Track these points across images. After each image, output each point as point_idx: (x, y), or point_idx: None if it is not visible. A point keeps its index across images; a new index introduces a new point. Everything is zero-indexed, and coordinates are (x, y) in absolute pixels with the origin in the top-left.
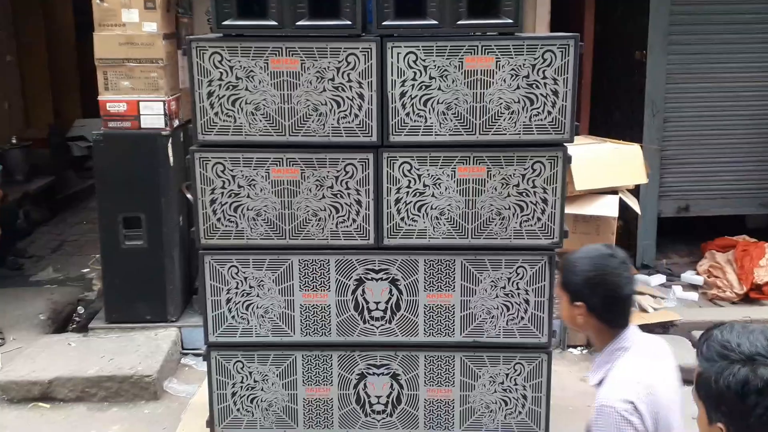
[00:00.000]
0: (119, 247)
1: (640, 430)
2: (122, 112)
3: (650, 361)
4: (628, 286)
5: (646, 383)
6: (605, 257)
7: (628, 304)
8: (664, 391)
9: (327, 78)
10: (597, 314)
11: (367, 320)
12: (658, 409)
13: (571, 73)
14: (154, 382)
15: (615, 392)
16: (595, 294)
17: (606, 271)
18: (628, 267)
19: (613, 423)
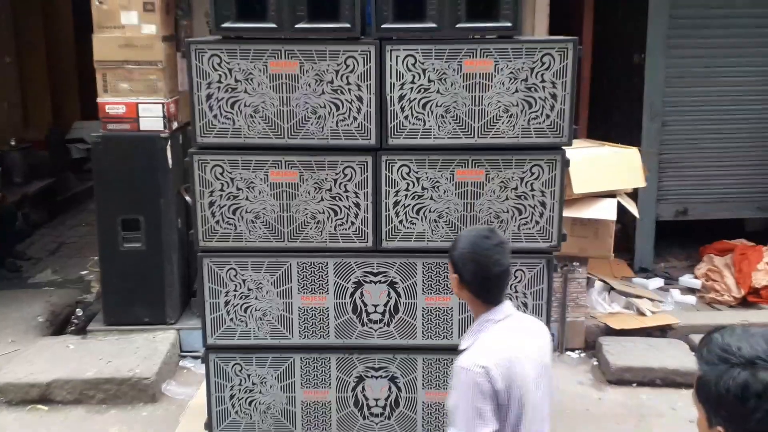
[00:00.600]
0: (118, 250)
1: (489, 394)
2: (121, 114)
3: (516, 336)
4: (496, 267)
5: (504, 354)
6: (481, 238)
7: (496, 283)
8: (524, 365)
9: (326, 81)
10: (468, 287)
11: (365, 323)
12: (513, 379)
13: (570, 76)
14: (153, 384)
15: (473, 357)
16: (466, 269)
17: (477, 251)
18: (501, 249)
19: (465, 383)
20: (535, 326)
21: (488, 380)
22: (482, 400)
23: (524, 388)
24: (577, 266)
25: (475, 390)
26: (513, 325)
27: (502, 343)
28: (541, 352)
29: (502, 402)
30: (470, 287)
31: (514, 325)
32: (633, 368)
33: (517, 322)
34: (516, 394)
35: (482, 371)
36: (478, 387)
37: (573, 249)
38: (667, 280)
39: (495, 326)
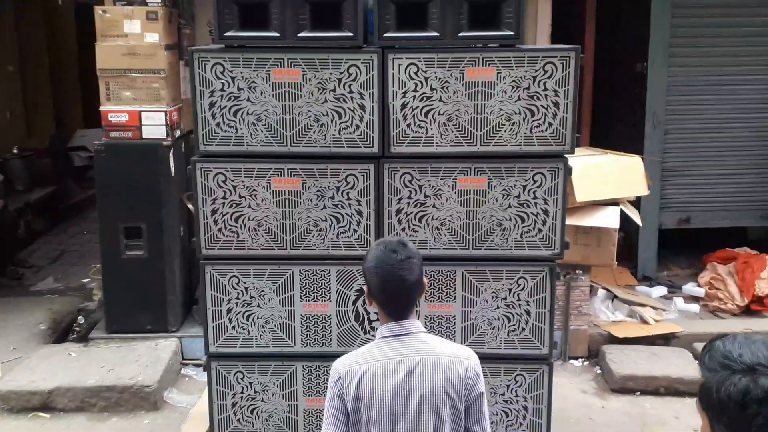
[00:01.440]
0: (120, 257)
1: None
2: (124, 122)
3: (395, 356)
4: (398, 281)
5: (365, 368)
6: (387, 253)
7: (399, 299)
8: (387, 386)
9: (328, 89)
10: (375, 298)
11: (367, 330)
12: (362, 396)
13: (572, 84)
14: (154, 392)
15: (341, 360)
16: (372, 282)
17: (381, 266)
18: (408, 265)
19: (330, 382)
20: (437, 357)
21: (338, 387)
22: (331, 402)
23: (375, 410)
24: (580, 274)
25: (330, 390)
26: (400, 345)
27: (365, 358)
28: (428, 385)
29: (353, 413)
30: (378, 300)
31: (403, 346)
32: (636, 377)
33: (411, 344)
34: (363, 412)
35: (337, 375)
36: (332, 388)
37: (576, 257)
38: (670, 288)
39: (380, 342)
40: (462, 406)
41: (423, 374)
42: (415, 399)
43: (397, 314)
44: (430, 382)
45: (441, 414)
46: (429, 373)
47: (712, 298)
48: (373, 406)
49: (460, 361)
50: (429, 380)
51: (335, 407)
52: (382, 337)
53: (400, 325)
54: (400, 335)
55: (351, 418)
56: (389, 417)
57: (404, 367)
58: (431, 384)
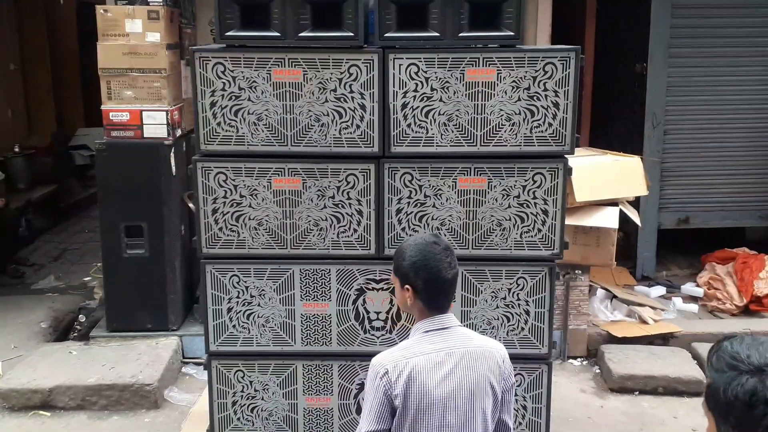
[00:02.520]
0: (121, 256)
1: (381, 394)
2: (125, 121)
3: (441, 348)
4: (446, 270)
5: (413, 362)
6: (429, 244)
7: (446, 287)
8: (434, 379)
9: (329, 89)
10: (422, 296)
11: (367, 330)
12: (411, 390)
13: (572, 85)
14: (155, 390)
15: (383, 356)
16: (419, 277)
17: (428, 256)
18: (449, 254)
19: (369, 378)
20: (476, 349)
21: (386, 381)
22: (375, 398)
23: (424, 403)
24: (579, 274)
25: (374, 386)
26: (444, 338)
27: (412, 352)
28: (473, 376)
29: (396, 407)
30: (423, 296)
31: (445, 339)
32: (635, 376)
33: (452, 338)
34: (411, 407)
35: (383, 371)
36: (376, 385)
37: (575, 257)
38: (669, 288)
39: (424, 336)
40: (500, 395)
41: (469, 365)
42: (463, 390)
43: (441, 307)
44: (476, 372)
45: (485, 404)
46: (475, 364)
47: (710, 298)
48: (423, 399)
49: (498, 351)
50: (475, 371)
51: (380, 403)
52: (425, 331)
53: (442, 318)
54: (442, 329)
55: (397, 412)
56: (439, 409)
57: (451, 360)
58: (477, 374)
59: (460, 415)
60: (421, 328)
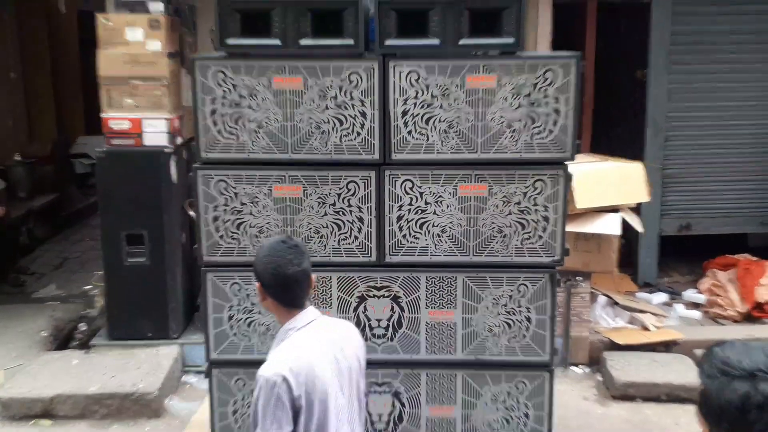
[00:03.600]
0: (122, 264)
1: (286, 401)
2: (125, 129)
3: (317, 343)
4: (291, 267)
5: (303, 362)
6: (278, 243)
7: (295, 285)
8: (325, 372)
9: (330, 96)
10: (272, 293)
11: (368, 337)
12: (313, 386)
13: (573, 91)
14: (156, 399)
15: (271, 365)
16: (266, 272)
17: (273, 254)
18: (297, 252)
19: (264, 389)
20: (341, 331)
21: (286, 389)
22: (278, 407)
23: (326, 393)
24: (581, 281)
25: (273, 397)
26: (315, 331)
27: (301, 351)
28: (347, 356)
29: (299, 407)
30: (271, 291)
31: (316, 331)
32: (637, 383)
33: (321, 328)
34: (316, 400)
35: (281, 380)
36: (277, 395)
37: (576, 264)
38: (671, 294)
39: (297, 334)
40: (362, 370)
41: (344, 349)
42: (344, 372)
43: (295, 304)
44: (349, 352)
45: (359, 379)
46: (345, 346)
47: (712, 305)
48: (322, 391)
49: (354, 330)
50: (348, 352)
51: (282, 410)
52: (296, 329)
53: (303, 315)
54: (308, 323)
55: (302, 411)
56: (332, 395)
57: (331, 348)
58: (350, 355)
59: (346, 394)
60: (291, 327)
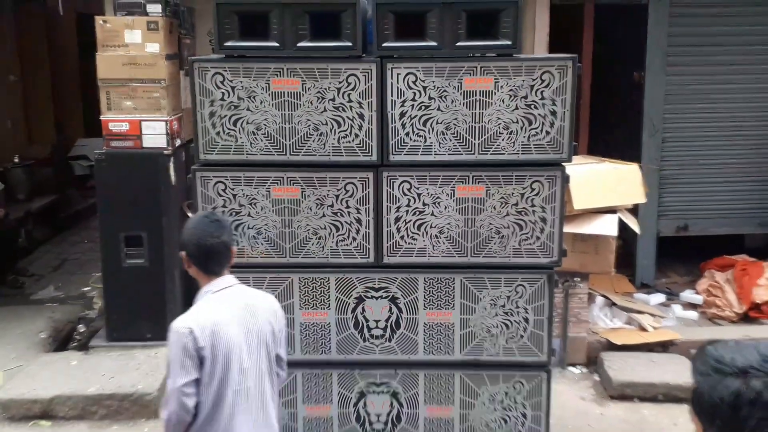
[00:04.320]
0: (120, 266)
1: (192, 350)
2: (124, 131)
3: (227, 305)
4: (210, 239)
5: (210, 318)
6: (201, 218)
7: (214, 255)
8: (230, 329)
9: (328, 98)
10: (194, 262)
11: (366, 338)
12: (217, 340)
13: (569, 93)
14: (155, 400)
15: (182, 320)
16: (190, 243)
17: (197, 227)
18: (218, 226)
19: (173, 341)
20: (256, 299)
21: (192, 339)
22: (185, 356)
23: (229, 348)
24: (579, 282)
25: (180, 347)
26: (228, 296)
27: (211, 310)
28: (258, 321)
29: (205, 357)
30: (194, 260)
31: (230, 296)
32: (635, 384)
33: (235, 294)
34: (220, 354)
35: (187, 331)
36: (183, 345)
37: (574, 264)
38: (668, 295)
39: (211, 296)
40: (276, 334)
41: (255, 314)
42: (253, 335)
43: (214, 272)
44: (260, 318)
45: (268, 342)
46: (258, 312)
47: (710, 306)
48: (226, 347)
49: (272, 300)
50: (259, 317)
51: (189, 357)
52: (212, 292)
53: (221, 280)
54: (224, 288)
55: (206, 363)
56: (238, 354)
57: (240, 311)
58: (261, 320)
59: (253, 356)
60: (208, 290)
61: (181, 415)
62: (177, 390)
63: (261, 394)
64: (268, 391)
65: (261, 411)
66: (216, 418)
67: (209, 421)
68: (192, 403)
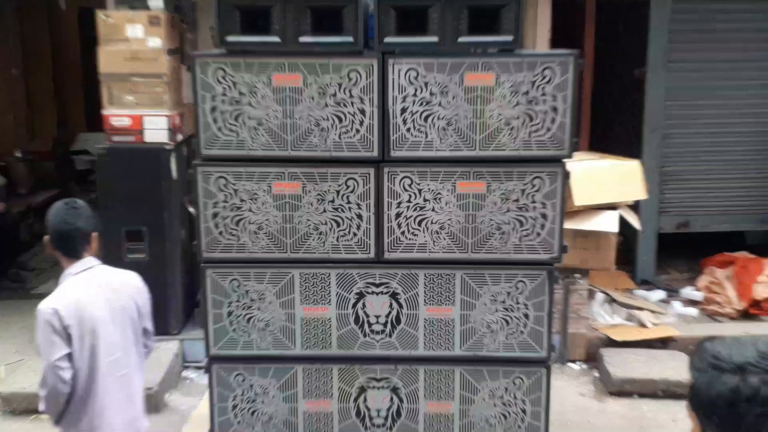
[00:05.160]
0: (121, 260)
1: (59, 328)
2: (126, 126)
3: (89, 285)
4: (64, 225)
5: (75, 297)
6: (62, 204)
7: (70, 239)
8: (94, 307)
9: (329, 93)
10: (55, 245)
11: (367, 334)
12: (82, 317)
13: (571, 89)
14: (156, 394)
15: (47, 301)
16: (50, 228)
17: (57, 214)
18: (72, 213)
19: (40, 323)
20: (118, 278)
21: (57, 318)
22: (53, 333)
23: (94, 323)
24: (579, 278)
25: (48, 326)
26: (89, 277)
27: (73, 290)
28: (121, 297)
29: (72, 335)
30: (54, 243)
31: (91, 276)
32: (634, 380)
33: (96, 275)
34: (87, 330)
35: (52, 311)
36: (50, 324)
37: (574, 261)
38: (668, 292)
39: (72, 278)
40: (141, 310)
41: (116, 290)
42: (117, 310)
43: (74, 255)
44: (124, 295)
45: (133, 317)
46: (121, 289)
47: (710, 302)
48: (92, 323)
49: (135, 276)
50: (122, 293)
51: (58, 335)
52: (74, 274)
53: (83, 262)
54: (86, 269)
55: (74, 339)
56: (105, 328)
57: (102, 289)
58: (124, 296)
59: (118, 329)
60: (69, 273)
61: (60, 388)
62: (51, 365)
63: (129, 365)
64: (134, 361)
65: (131, 380)
66: (92, 389)
67: (87, 393)
68: (68, 375)
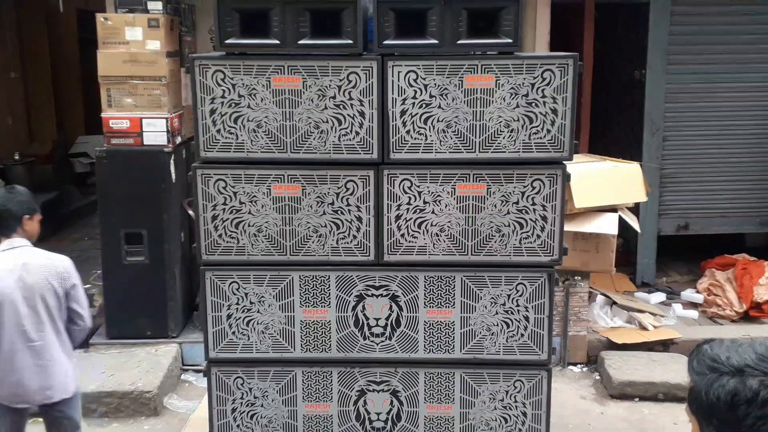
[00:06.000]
0: (121, 263)
1: None
2: (125, 128)
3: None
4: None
5: None
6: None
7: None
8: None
9: (328, 96)
10: None
11: (367, 336)
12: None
13: (570, 92)
14: (155, 398)
15: None
16: None
17: None
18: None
19: None
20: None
21: None
22: None
23: (2, 296)
24: (579, 280)
25: None
26: (11, 255)
27: None
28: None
29: None
30: None
31: (13, 255)
32: (635, 382)
33: (18, 254)
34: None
35: None
36: None
37: (575, 263)
38: (669, 294)
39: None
40: (62, 291)
41: (33, 271)
42: (29, 289)
43: (4, 233)
44: (40, 275)
45: (46, 297)
46: (39, 271)
47: (710, 305)
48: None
49: (59, 260)
50: (36, 274)
51: None
52: (1, 251)
53: (10, 241)
54: (12, 248)
55: None
56: (15, 304)
57: (17, 268)
58: (38, 276)
59: (30, 307)
60: None
61: None
62: None
63: (42, 339)
64: (50, 336)
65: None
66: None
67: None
68: None
